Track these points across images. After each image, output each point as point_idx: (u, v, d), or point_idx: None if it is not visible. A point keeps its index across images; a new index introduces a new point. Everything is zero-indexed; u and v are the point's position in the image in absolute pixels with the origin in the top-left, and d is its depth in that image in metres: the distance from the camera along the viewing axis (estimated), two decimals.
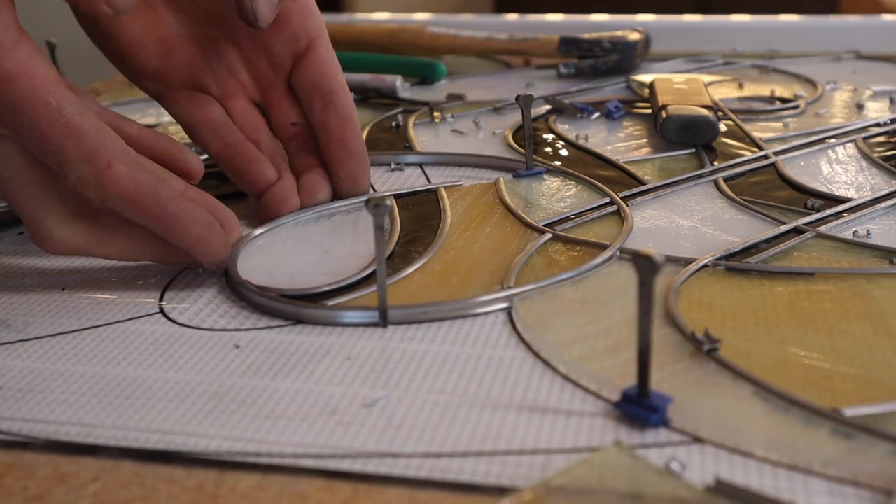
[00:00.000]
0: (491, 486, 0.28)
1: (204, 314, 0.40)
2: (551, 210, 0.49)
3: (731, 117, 0.66)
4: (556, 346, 0.36)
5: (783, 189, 0.52)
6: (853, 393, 0.32)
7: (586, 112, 0.68)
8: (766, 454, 0.29)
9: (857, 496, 0.27)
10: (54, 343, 0.38)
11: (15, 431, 0.32)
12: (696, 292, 0.40)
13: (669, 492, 0.27)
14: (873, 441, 0.29)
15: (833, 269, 0.42)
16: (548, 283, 0.40)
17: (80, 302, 0.41)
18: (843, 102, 0.71)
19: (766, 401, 0.32)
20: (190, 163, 0.44)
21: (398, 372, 0.35)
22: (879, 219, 0.48)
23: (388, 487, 0.29)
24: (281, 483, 0.29)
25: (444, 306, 0.39)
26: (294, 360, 0.36)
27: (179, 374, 0.35)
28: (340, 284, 0.41)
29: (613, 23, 0.94)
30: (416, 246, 0.45)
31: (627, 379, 0.33)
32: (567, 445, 0.30)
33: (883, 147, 0.60)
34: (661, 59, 0.85)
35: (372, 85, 0.75)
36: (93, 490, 0.29)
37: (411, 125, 0.66)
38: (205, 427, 0.32)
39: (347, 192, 0.50)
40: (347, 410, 0.32)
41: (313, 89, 0.50)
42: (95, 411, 0.33)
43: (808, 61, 0.85)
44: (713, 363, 0.34)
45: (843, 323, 0.37)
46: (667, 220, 0.48)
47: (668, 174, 0.55)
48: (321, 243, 0.46)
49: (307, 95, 0.51)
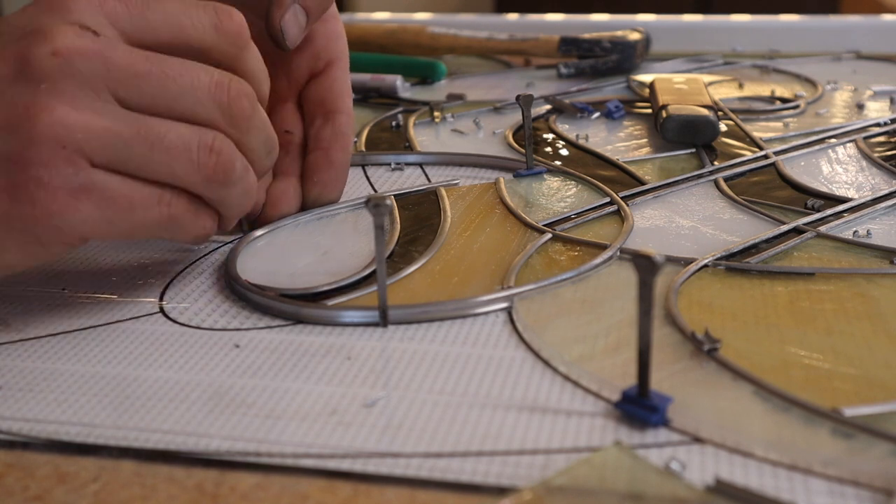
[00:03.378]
0: (491, 486, 0.28)
1: (204, 314, 0.40)
2: (551, 210, 0.49)
3: (731, 117, 0.66)
4: (556, 345, 0.36)
5: (783, 189, 0.52)
6: (853, 393, 0.32)
7: (586, 112, 0.68)
8: (766, 454, 0.29)
9: (857, 496, 0.27)
10: (54, 343, 0.38)
11: (15, 431, 0.32)
12: (696, 292, 0.40)
13: (669, 492, 0.27)
14: (873, 441, 0.29)
15: (833, 269, 0.42)
16: (548, 283, 0.40)
17: (80, 302, 0.41)
18: (844, 102, 0.71)
19: (766, 401, 0.32)
20: None
21: (398, 372, 0.35)
22: (879, 219, 0.48)
23: (388, 487, 0.29)
24: (281, 483, 0.29)
25: (444, 306, 0.39)
26: (294, 360, 0.36)
27: (179, 374, 0.35)
28: (340, 284, 0.41)
29: (613, 23, 0.94)
30: (416, 246, 0.45)
31: (627, 379, 0.33)
32: (567, 445, 0.30)
33: (883, 147, 0.60)
34: (661, 59, 0.85)
35: (372, 85, 0.75)
36: (93, 490, 0.29)
37: (411, 125, 0.66)
38: (205, 427, 0.32)
39: (316, 197, 0.49)
40: (347, 410, 0.32)
41: (319, 105, 0.50)
42: (95, 411, 0.33)
43: (808, 61, 0.85)
44: (713, 363, 0.34)
45: (843, 323, 0.37)
46: (667, 220, 0.48)
47: (668, 174, 0.55)
48: (321, 243, 0.46)
49: (311, 109, 0.50)
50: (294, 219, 0.48)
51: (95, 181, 0.36)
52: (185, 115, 0.38)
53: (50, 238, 0.36)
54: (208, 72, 0.38)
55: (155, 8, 0.39)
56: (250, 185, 0.41)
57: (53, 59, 0.35)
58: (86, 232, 0.36)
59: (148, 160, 0.37)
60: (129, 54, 0.37)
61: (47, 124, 0.35)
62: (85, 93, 0.36)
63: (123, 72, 0.36)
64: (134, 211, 0.37)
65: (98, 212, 0.36)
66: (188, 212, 0.38)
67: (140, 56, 0.37)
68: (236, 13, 0.40)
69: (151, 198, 0.37)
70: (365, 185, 0.55)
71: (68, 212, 0.35)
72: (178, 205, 0.38)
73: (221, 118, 0.38)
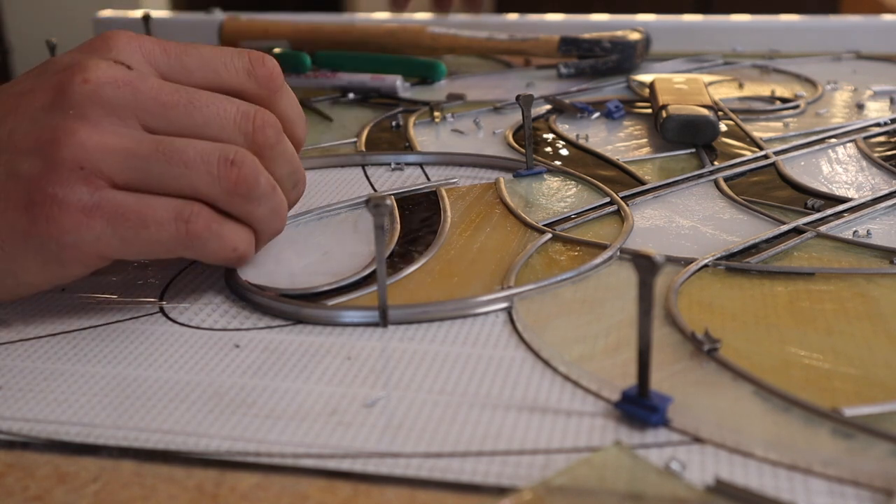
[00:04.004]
0: (491, 486, 0.28)
1: (204, 314, 0.40)
2: (551, 210, 0.49)
3: (731, 117, 0.66)
4: (556, 345, 0.36)
5: (783, 189, 0.52)
6: (853, 393, 0.32)
7: (586, 112, 0.68)
8: (766, 454, 0.29)
9: (857, 496, 0.27)
10: (54, 343, 0.38)
11: (15, 431, 0.32)
12: (696, 292, 0.40)
13: (669, 492, 0.27)
14: (873, 441, 0.29)
15: (833, 269, 0.42)
16: (548, 283, 0.40)
17: (79, 302, 0.41)
18: (844, 102, 0.71)
19: (766, 401, 0.32)
20: None
21: (398, 372, 0.35)
22: (879, 219, 0.48)
23: (388, 487, 0.29)
24: (281, 483, 0.29)
25: (444, 306, 0.39)
26: (294, 360, 0.36)
27: (179, 374, 0.35)
28: (340, 284, 0.41)
29: (613, 23, 0.94)
30: (416, 246, 0.45)
31: (627, 379, 0.33)
32: (567, 445, 0.30)
33: (883, 147, 0.60)
34: (661, 59, 0.85)
35: (372, 85, 0.75)
36: (93, 490, 0.29)
37: (411, 125, 0.66)
38: (205, 427, 0.32)
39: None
40: (347, 410, 0.32)
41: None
42: (95, 411, 0.33)
43: (808, 61, 0.85)
44: (713, 363, 0.34)
45: (843, 323, 0.37)
46: (667, 220, 0.48)
47: (668, 174, 0.55)
48: (321, 243, 0.46)
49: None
50: (294, 219, 0.48)
51: (109, 199, 0.36)
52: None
53: (67, 257, 0.37)
54: (234, 103, 0.39)
55: (191, 53, 0.41)
56: (279, 204, 0.40)
57: (84, 86, 0.37)
58: (101, 250, 0.37)
59: (167, 175, 0.37)
60: (159, 85, 0.38)
61: (68, 146, 0.36)
62: (111, 119, 0.37)
63: (151, 101, 0.38)
64: (147, 228, 0.36)
65: (110, 229, 0.36)
66: (209, 230, 0.37)
67: (169, 87, 0.38)
68: (269, 59, 0.42)
69: (167, 215, 0.37)
70: (365, 185, 0.55)
71: (81, 229, 0.36)
72: (199, 222, 0.37)
73: (247, 147, 0.39)
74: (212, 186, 0.37)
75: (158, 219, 0.37)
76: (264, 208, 0.39)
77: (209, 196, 0.38)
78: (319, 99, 0.74)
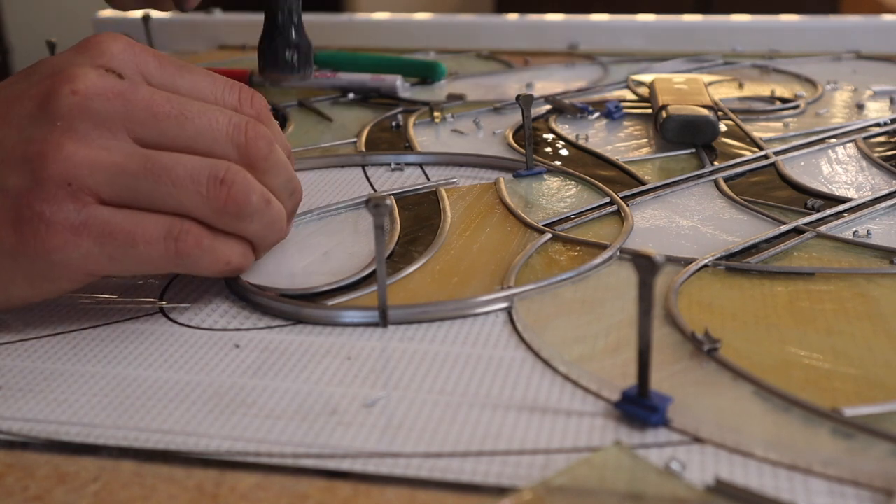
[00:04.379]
0: (491, 486, 0.28)
1: (204, 314, 0.40)
2: (551, 210, 0.49)
3: (731, 117, 0.66)
4: (556, 346, 0.36)
5: (783, 189, 0.52)
6: (853, 393, 0.32)
7: (586, 112, 0.68)
8: (766, 454, 0.29)
9: (857, 496, 0.27)
10: (54, 343, 0.38)
11: (15, 431, 0.32)
12: (696, 292, 0.40)
13: (669, 492, 0.27)
14: (873, 441, 0.29)
15: (833, 269, 0.42)
16: (548, 283, 0.40)
17: (79, 302, 0.41)
18: (844, 102, 0.71)
19: (766, 401, 0.32)
20: None
21: (398, 372, 0.35)
22: (879, 219, 0.48)
23: (388, 487, 0.29)
24: (281, 483, 0.29)
25: (444, 306, 0.39)
26: (294, 360, 0.36)
27: (179, 374, 0.35)
28: (340, 284, 0.41)
29: (614, 22, 0.94)
30: (416, 246, 0.45)
31: (627, 379, 0.33)
32: (567, 445, 0.30)
33: (883, 147, 0.60)
34: (661, 59, 0.85)
35: (372, 85, 0.75)
36: (93, 490, 0.29)
37: (411, 125, 0.66)
38: (205, 427, 0.32)
39: None
40: (347, 410, 0.32)
41: None
42: (95, 411, 0.33)
43: (808, 61, 0.85)
44: (713, 363, 0.34)
45: (843, 323, 0.37)
46: (667, 220, 0.48)
47: (668, 174, 0.55)
48: (321, 243, 0.46)
49: None
50: (294, 219, 0.48)
51: (97, 216, 0.36)
52: (202, 154, 0.38)
53: (54, 274, 0.36)
54: (226, 114, 0.39)
55: (185, 75, 0.40)
56: (274, 216, 0.39)
57: (72, 97, 0.36)
58: (89, 268, 0.36)
59: (155, 193, 0.36)
60: (150, 95, 0.38)
61: (55, 161, 0.35)
62: (100, 132, 0.36)
63: (142, 112, 0.37)
64: (136, 247, 0.36)
65: (98, 248, 0.36)
66: (200, 247, 0.37)
67: (161, 97, 0.38)
68: (258, 96, 0.42)
69: (156, 233, 0.36)
70: (365, 185, 0.55)
71: (68, 247, 0.35)
72: (189, 240, 0.37)
73: (239, 159, 0.38)
74: (201, 206, 0.37)
75: (147, 237, 0.36)
76: (257, 224, 0.39)
77: (199, 215, 0.37)
78: (319, 99, 0.74)
